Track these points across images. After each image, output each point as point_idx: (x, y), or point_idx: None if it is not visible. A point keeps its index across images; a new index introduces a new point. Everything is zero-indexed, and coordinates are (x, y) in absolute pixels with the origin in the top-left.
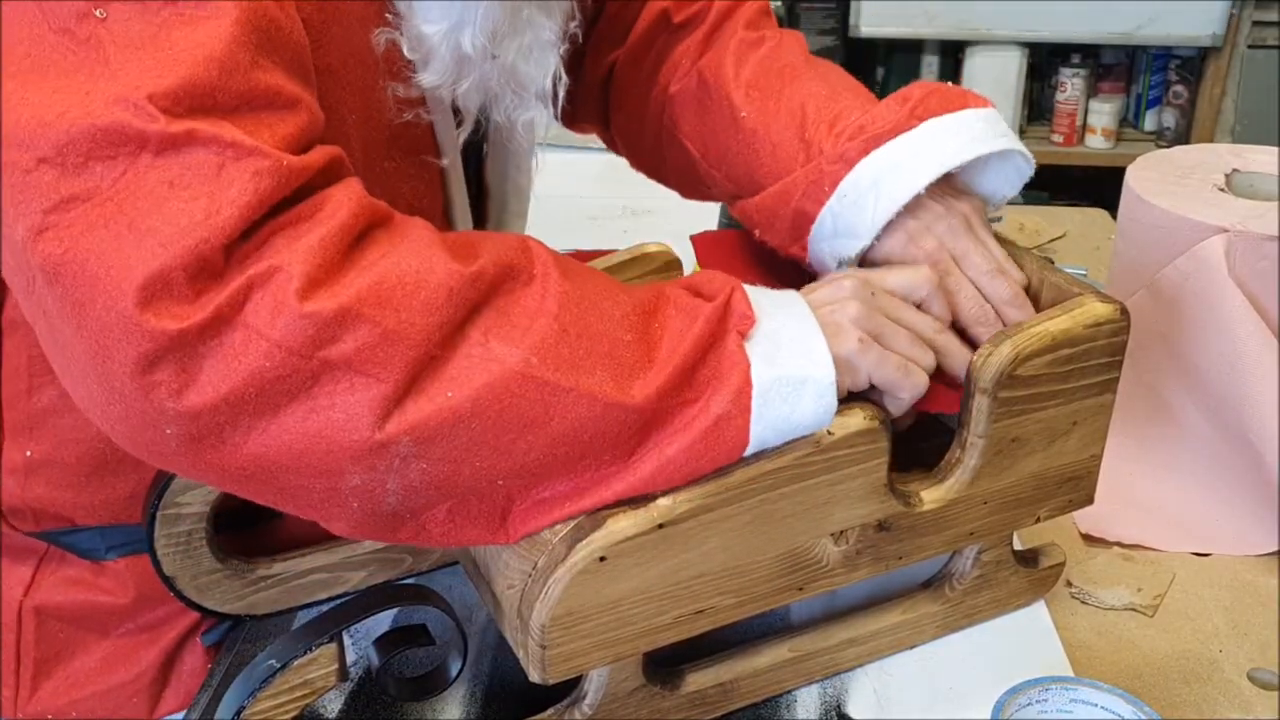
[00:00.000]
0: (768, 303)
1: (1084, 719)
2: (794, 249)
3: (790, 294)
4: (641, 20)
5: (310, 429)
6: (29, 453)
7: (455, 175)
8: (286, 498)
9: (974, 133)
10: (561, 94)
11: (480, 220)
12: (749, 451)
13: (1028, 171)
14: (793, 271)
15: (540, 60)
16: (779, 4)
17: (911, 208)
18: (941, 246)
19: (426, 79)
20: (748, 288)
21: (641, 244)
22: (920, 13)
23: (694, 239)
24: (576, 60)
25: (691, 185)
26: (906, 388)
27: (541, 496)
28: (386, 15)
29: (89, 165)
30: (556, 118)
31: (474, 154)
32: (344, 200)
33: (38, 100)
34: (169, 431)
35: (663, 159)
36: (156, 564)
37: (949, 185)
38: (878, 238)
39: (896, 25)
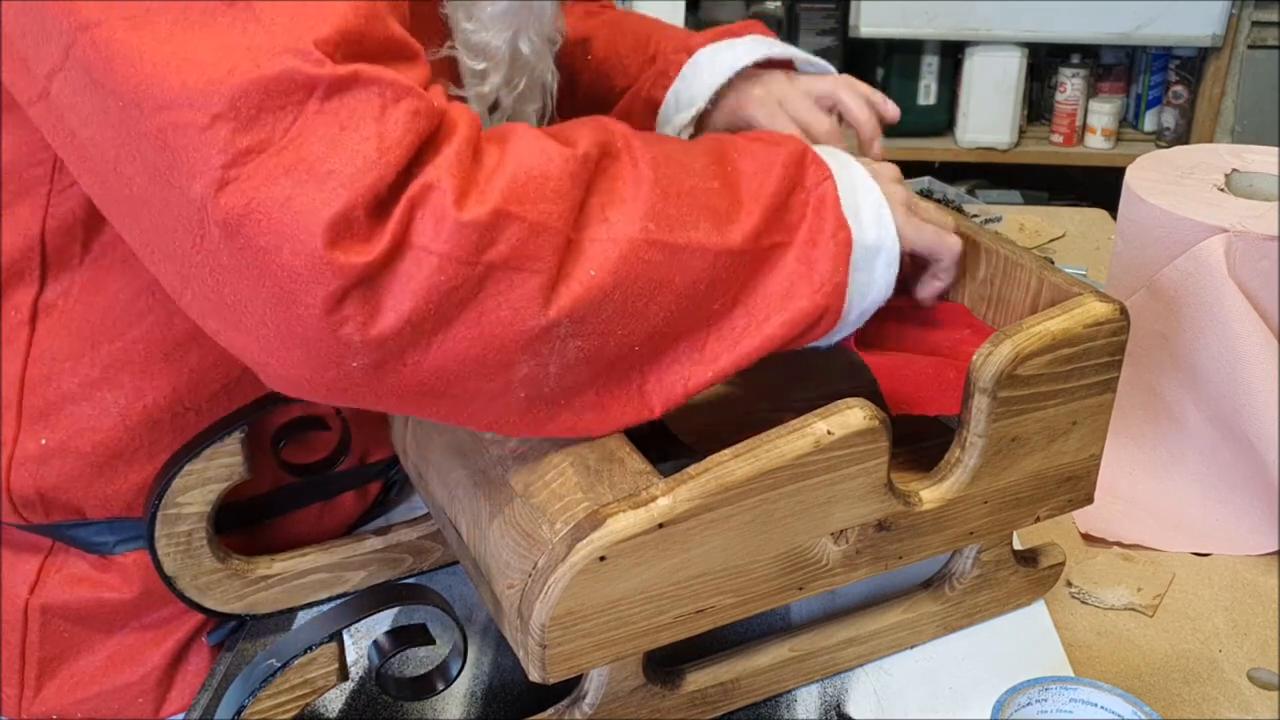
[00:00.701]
0: (830, 159)
1: (1084, 719)
2: None
3: (838, 152)
4: None
5: (483, 331)
6: (44, 440)
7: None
8: (461, 406)
9: (792, 49)
10: (555, 87)
11: None
12: (846, 311)
13: (829, 69)
14: None
15: (544, 53)
16: (779, 4)
17: (741, 76)
18: (769, 92)
19: (489, 85)
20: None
21: None
22: (920, 13)
23: None
24: None
25: None
26: (947, 251)
27: (669, 364)
28: (442, 22)
29: (261, 117)
30: (555, 111)
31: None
32: (459, 118)
33: (200, 59)
34: (354, 364)
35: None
36: (157, 564)
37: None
38: (712, 102)
39: (896, 25)
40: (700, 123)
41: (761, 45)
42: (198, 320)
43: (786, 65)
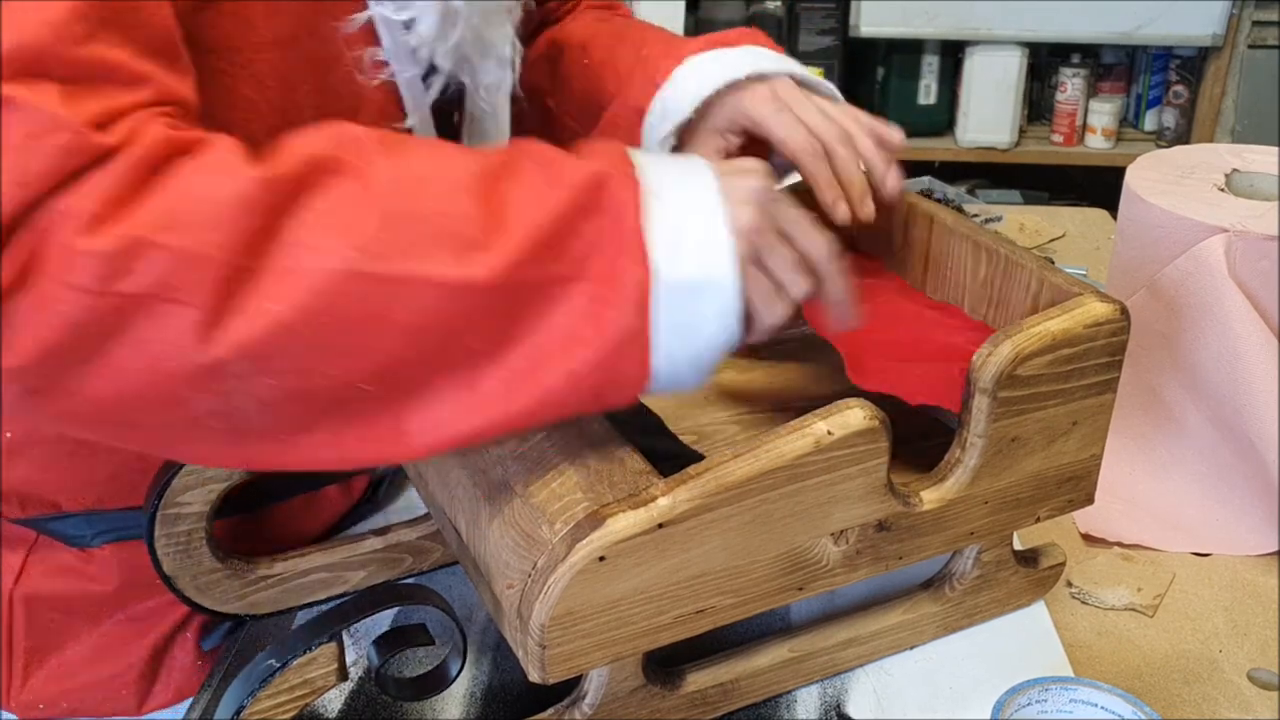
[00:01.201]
0: (661, 175)
1: (1084, 719)
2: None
3: (690, 164)
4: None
5: (139, 364)
6: (9, 434)
7: (425, 137)
8: (152, 435)
9: (789, 62)
10: (517, 60)
11: None
12: (654, 369)
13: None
14: None
15: (499, 24)
16: (779, 4)
17: (731, 85)
18: (776, 93)
19: (417, 37)
20: (639, 153)
21: None
22: (920, 13)
23: None
24: None
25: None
26: (766, 316)
27: (431, 402)
28: None
29: None
30: (517, 84)
31: (447, 123)
32: (141, 138)
33: None
34: (11, 390)
35: (519, 128)
36: (157, 564)
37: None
38: (698, 111)
39: (896, 25)
40: (684, 134)
41: (756, 57)
42: None
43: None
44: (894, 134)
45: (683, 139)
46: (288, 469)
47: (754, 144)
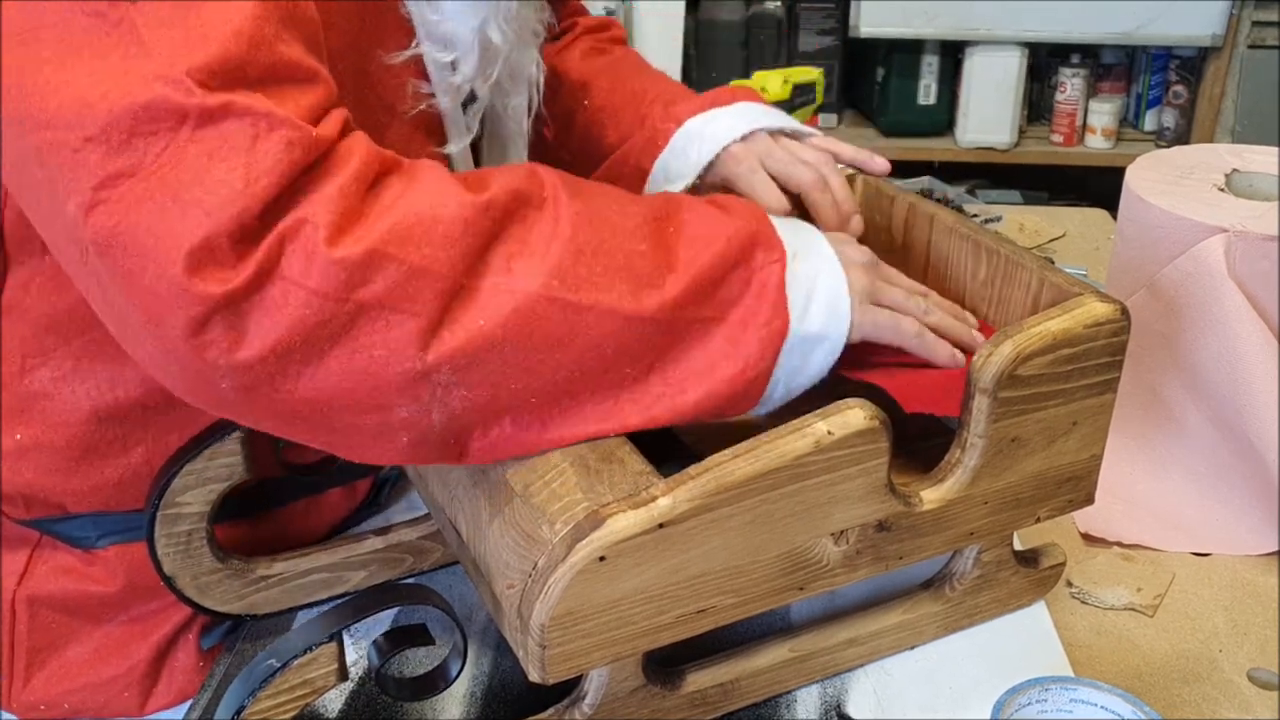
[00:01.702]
0: (793, 240)
1: (1084, 719)
2: None
3: (811, 233)
4: None
5: (356, 367)
6: (18, 436)
7: (463, 163)
8: (340, 438)
9: (781, 116)
10: (541, 81)
11: None
12: (764, 397)
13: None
14: None
15: (527, 48)
16: (779, 4)
17: (730, 150)
18: (750, 149)
19: (461, 76)
20: (773, 217)
21: None
22: (920, 13)
23: None
24: None
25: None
26: (900, 337)
27: (573, 415)
28: (404, 22)
29: (132, 141)
30: (541, 105)
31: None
32: (354, 149)
33: (78, 82)
34: (224, 385)
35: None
36: (157, 564)
37: None
38: (701, 176)
39: (896, 25)
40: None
41: (751, 115)
42: (105, 323)
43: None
44: (877, 162)
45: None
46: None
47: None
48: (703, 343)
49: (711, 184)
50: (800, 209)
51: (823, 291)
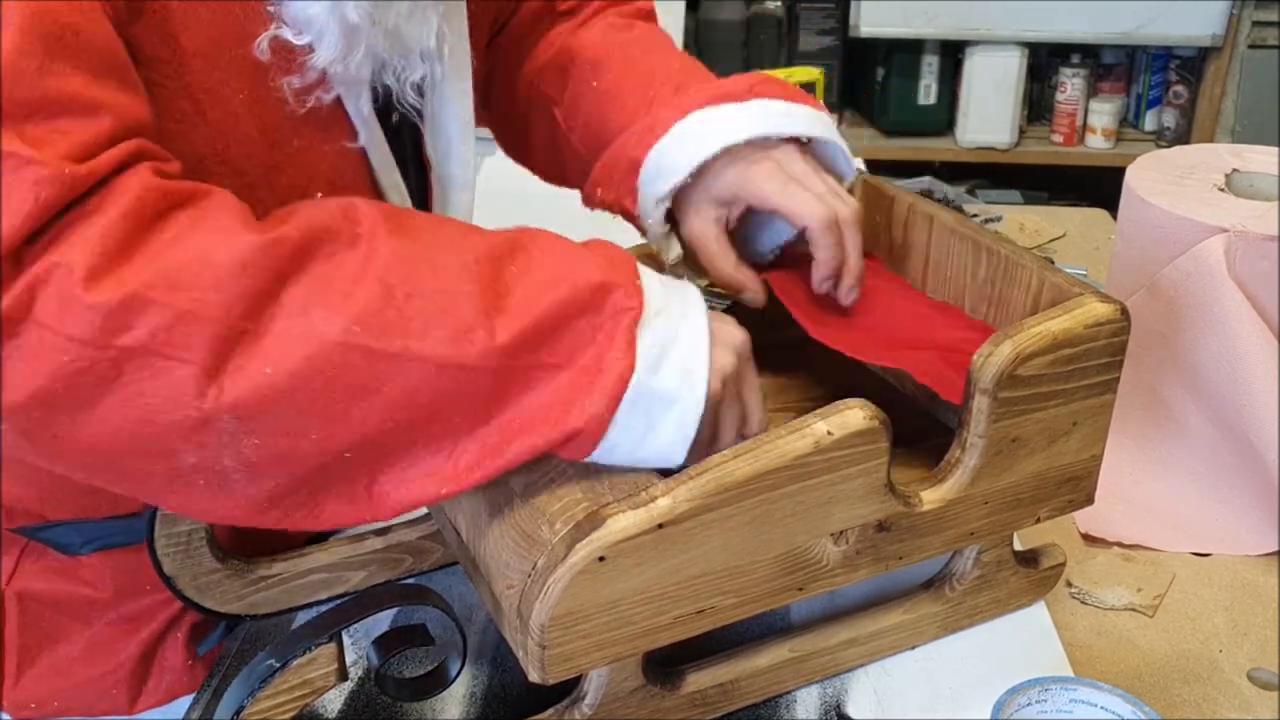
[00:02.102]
0: (662, 297)
1: (1084, 719)
2: (626, 200)
3: (687, 297)
4: (524, 10)
5: (131, 415)
6: None
7: (378, 152)
8: (136, 483)
9: (799, 116)
10: (446, 51)
11: (425, 195)
12: (593, 456)
13: (849, 173)
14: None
15: (421, 19)
16: (779, 4)
17: (732, 151)
18: (781, 165)
19: (320, 59)
20: (644, 270)
21: (641, 244)
22: (920, 13)
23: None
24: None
25: (552, 160)
26: (690, 457)
27: (408, 470)
28: (264, 10)
29: None
30: (445, 76)
31: (412, 132)
32: (130, 186)
33: None
34: (5, 428)
35: (529, 134)
36: (157, 564)
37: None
38: (693, 175)
39: (896, 25)
40: (680, 194)
41: (761, 117)
42: None
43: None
44: (847, 287)
45: (679, 199)
46: (260, 527)
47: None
48: (543, 389)
49: (734, 199)
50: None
51: (679, 352)
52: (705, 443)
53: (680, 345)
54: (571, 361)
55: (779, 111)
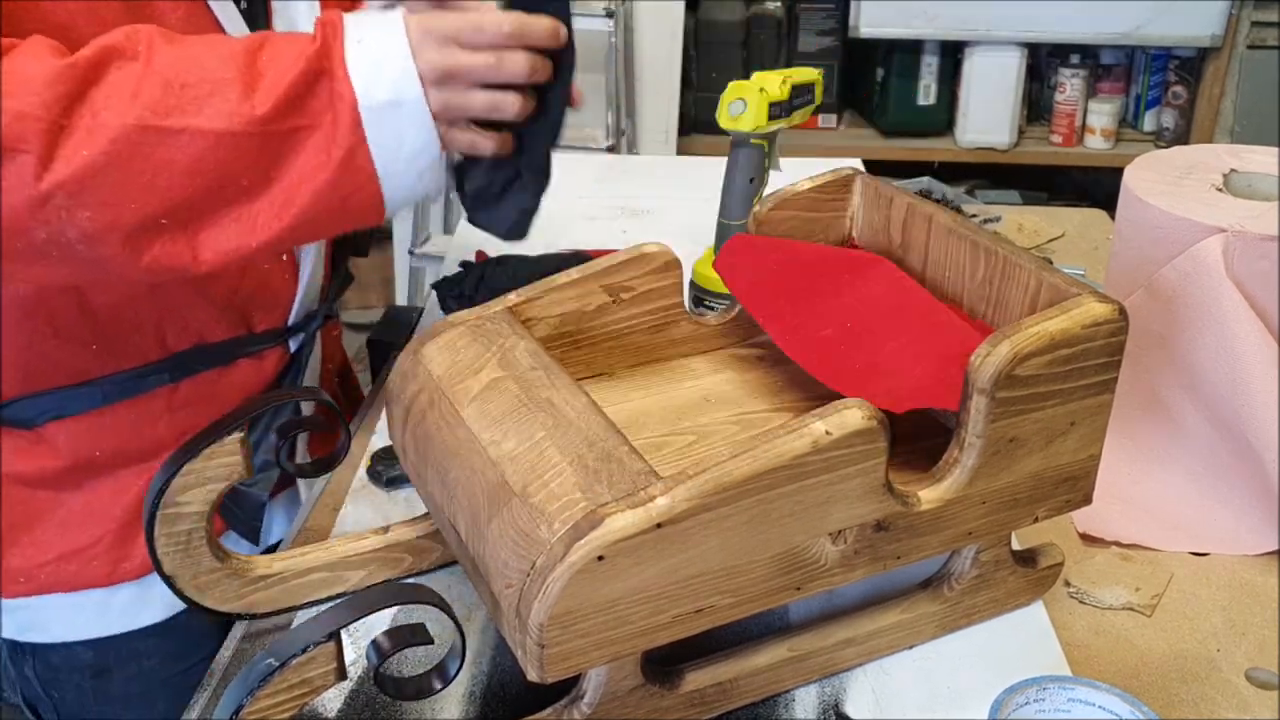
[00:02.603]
0: (365, 26)
1: (1082, 718)
2: None
3: (391, 16)
4: None
5: None
6: None
7: (228, 15)
8: (11, 264)
9: None
10: None
11: None
12: (380, 175)
13: None
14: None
15: None
16: (779, 4)
17: None
18: None
19: None
20: (354, 14)
21: (641, 244)
22: (920, 13)
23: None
24: None
25: None
26: (460, 140)
27: (217, 228)
28: None
29: None
30: None
31: (262, 8)
32: None
33: None
34: None
35: None
36: (157, 563)
37: None
38: None
39: (896, 25)
40: None
41: None
42: None
43: None
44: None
45: None
46: (105, 287)
47: None
48: (306, 147)
49: None
50: None
51: (388, 61)
52: (477, 108)
53: (388, 59)
54: (319, 121)
55: None
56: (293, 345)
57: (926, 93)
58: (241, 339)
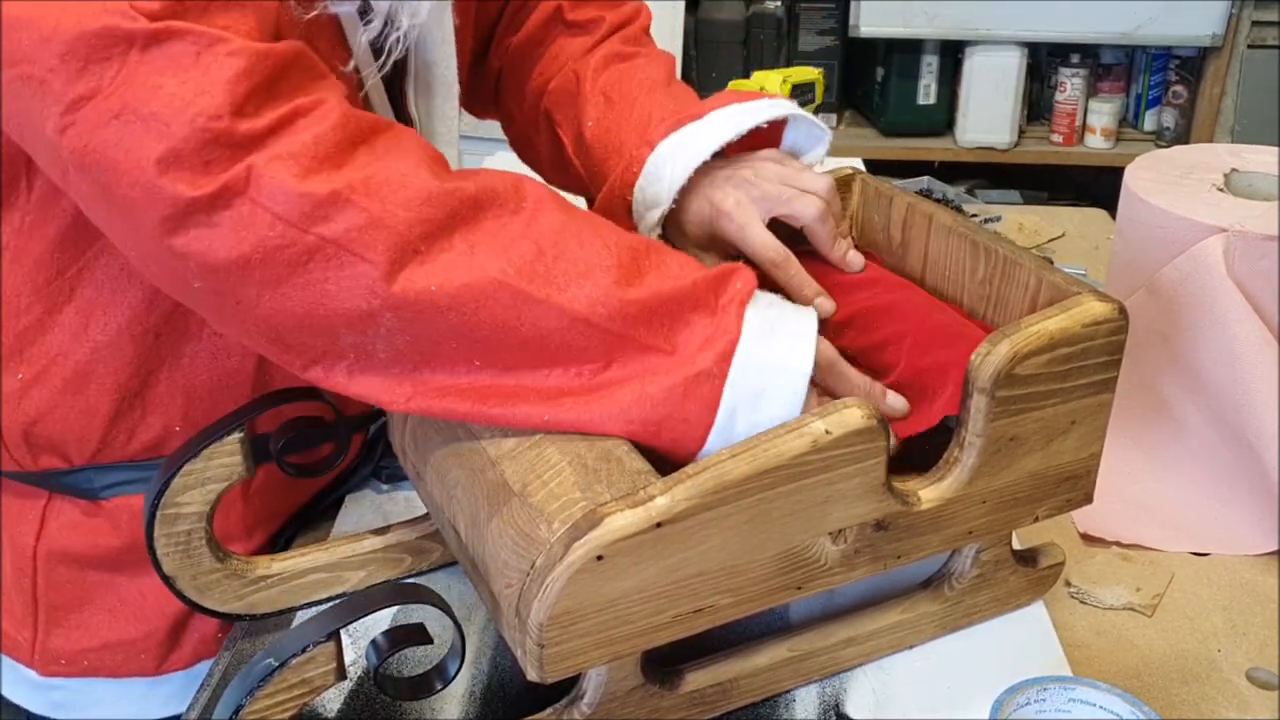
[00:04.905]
0: (772, 295)
1: (1082, 718)
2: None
3: (796, 306)
4: (536, 14)
5: (310, 297)
6: (20, 375)
7: (375, 91)
8: (293, 354)
9: (758, 109)
10: (426, 9)
11: None
12: (717, 418)
13: (824, 136)
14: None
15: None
16: (779, 4)
17: (703, 170)
18: (735, 174)
19: (372, 31)
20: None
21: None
22: (920, 13)
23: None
24: (481, 52)
25: (559, 176)
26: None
27: (513, 393)
28: None
29: (89, 68)
30: (430, 30)
31: (396, 88)
32: (335, 105)
33: (36, 19)
34: (196, 285)
35: (537, 146)
36: (157, 564)
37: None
38: (676, 202)
39: (896, 25)
40: (669, 221)
41: (725, 126)
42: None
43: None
44: (853, 258)
45: (668, 223)
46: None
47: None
48: (648, 363)
49: (699, 215)
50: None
51: (788, 326)
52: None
53: (787, 320)
54: (676, 349)
55: (736, 113)
56: (372, 429)
57: (926, 92)
58: (332, 425)
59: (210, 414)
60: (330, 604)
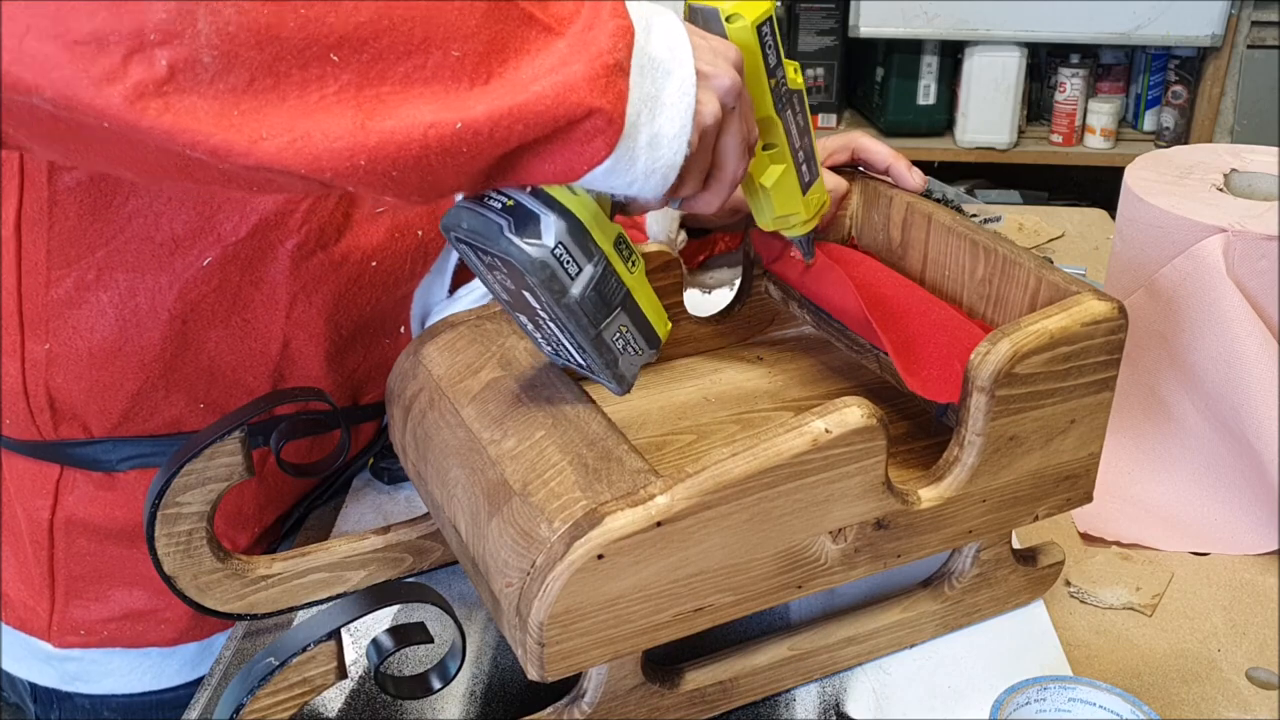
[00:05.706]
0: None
1: (1082, 718)
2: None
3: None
4: None
5: None
6: (48, 346)
7: None
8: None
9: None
10: None
11: None
12: (631, 117)
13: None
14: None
15: None
16: (779, 4)
17: None
18: None
19: None
20: None
21: (641, 244)
22: (920, 13)
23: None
24: None
25: None
26: (731, 177)
27: (404, 85)
28: None
29: None
30: None
31: None
32: None
33: None
34: None
35: None
36: (157, 563)
37: None
38: None
39: (896, 25)
40: None
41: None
42: None
43: None
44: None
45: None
46: (238, 158)
47: None
48: (541, 46)
49: None
50: None
51: (660, 29)
52: (703, 169)
53: (658, 23)
54: (563, 27)
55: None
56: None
57: (926, 92)
58: (348, 410)
59: (231, 394)
60: (330, 603)
